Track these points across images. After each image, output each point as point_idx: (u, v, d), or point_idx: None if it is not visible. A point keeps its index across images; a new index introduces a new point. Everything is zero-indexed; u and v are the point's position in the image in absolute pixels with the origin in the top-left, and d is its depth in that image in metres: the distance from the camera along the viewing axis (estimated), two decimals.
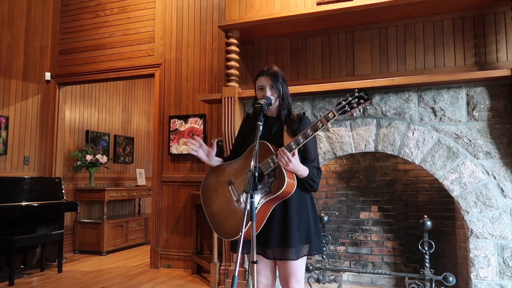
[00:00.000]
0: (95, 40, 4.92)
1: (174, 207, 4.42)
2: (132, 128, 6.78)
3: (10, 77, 4.71)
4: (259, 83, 1.93)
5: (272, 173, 1.79)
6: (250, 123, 2.00)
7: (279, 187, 1.73)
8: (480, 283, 2.86)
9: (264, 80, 1.91)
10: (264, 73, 1.92)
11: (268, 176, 1.80)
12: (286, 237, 1.78)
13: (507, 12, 3.08)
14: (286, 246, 1.78)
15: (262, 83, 1.92)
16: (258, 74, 1.96)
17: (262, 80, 1.92)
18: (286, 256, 1.79)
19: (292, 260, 1.79)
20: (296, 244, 1.78)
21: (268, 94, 1.89)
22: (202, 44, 4.41)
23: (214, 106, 4.28)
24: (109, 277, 4.03)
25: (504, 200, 2.88)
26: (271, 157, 1.77)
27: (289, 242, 1.77)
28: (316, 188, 1.85)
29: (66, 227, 5.06)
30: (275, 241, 1.80)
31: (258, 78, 1.94)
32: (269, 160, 1.77)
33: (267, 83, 1.90)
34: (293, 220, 1.80)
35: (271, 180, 1.78)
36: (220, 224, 1.89)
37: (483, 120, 2.98)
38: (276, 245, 1.80)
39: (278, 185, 1.75)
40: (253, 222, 1.55)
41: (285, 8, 3.41)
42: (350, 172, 3.87)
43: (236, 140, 2.11)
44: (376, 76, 3.40)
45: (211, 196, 1.98)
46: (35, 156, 4.96)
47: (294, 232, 1.79)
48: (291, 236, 1.78)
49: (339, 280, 3.36)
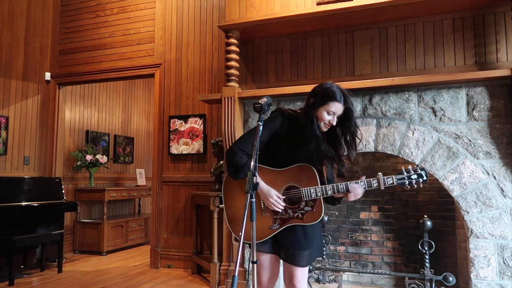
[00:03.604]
0: (95, 40, 4.92)
1: (174, 207, 4.42)
2: (132, 128, 6.78)
3: (10, 77, 4.71)
4: (333, 108, 1.82)
5: (310, 203, 1.83)
6: (288, 128, 1.90)
7: (313, 219, 1.81)
8: (480, 283, 2.86)
9: (338, 108, 1.83)
10: (341, 101, 1.82)
11: (306, 203, 1.84)
12: (301, 244, 1.87)
13: (507, 12, 3.08)
14: (300, 251, 1.86)
15: (335, 109, 1.83)
16: (334, 98, 1.82)
17: (336, 107, 1.83)
18: (297, 260, 1.86)
19: (302, 266, 1.87)
20: (308, 251, 1.88)
21: (334, 122, 1.86)
22: (202, 44, 4.41)
23: (214, 106, 4.28)
24: (109, 277, 4.03)
25: (504, 200, 2.88)
26: (314, 187, 1.80)
27: (304, 248, 1.86)
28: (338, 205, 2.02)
29: (66, 227, 5.06)
30: (289, 245, 1.88)
31: (333, 103, 1.82)
32: (311, 190, 1.80)
33: (339, 111, 1.84)
34: (309, 231, 1.90)
35: (307, 209, 1.83)
36: (240, 223, 1.88)
37: (483, 120, 2.98)
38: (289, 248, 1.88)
39: (312, 216, 1.82)
40: (253, 222, 1.58)
41: (285, 8, 3.41)
42: (350, 172, 3.86)
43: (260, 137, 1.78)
44: (376, 76, 3.40)
45: (235, 191, 1.95)
46: (35, 156, 4.96)
47: (308, 241, 1.88)
48: (305, 244, 1.87)
49: (339, 280, 3.36)
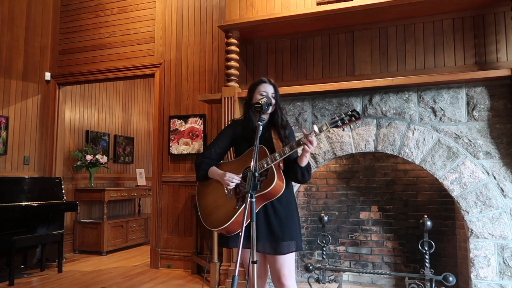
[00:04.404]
0: (95, 40, 4.92)
1: (174, 207, 4.42)
2: (132, 128, 6.78)
3: (10, 77, 4.71)
4: (263, 89, 2.07)
5: (264, 173, 1.96)
6: (241, 128, 2.12)
7: (268, 185, 1.89)
8: (480, 283, 2.86)
9: (268, 87, 2.08)
10: (267, 82, 2.09)
11: (260, 175, 1.96)
12: (276, 232, 1.95)
13: (507, 12, 3.08)
14: (278, 240, 1.94)
15: (266, 89, 2.07)
16: (259, 81, 2.10)
17: (266, 87, 2.07)
18: (277, 250, 1.93)
19: (282, 254, 1.93)
20: (286, 239, 1.94)
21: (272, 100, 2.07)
22: (202, 44, 4.41)
23: (214, 106, 4.28)
24: (109, 277, 4.03)
25: (504, 200, 2.88)
26: (265, 159, 1.92)
27: (280, 237, 1.94)
28: (308, 179, 2.02)
29: (66, 227, 5.06)
30: (265, 236, 1.95)
31: (260, 84, 2.09)
32: (263, 161, 1.93)
33: (269, 91, 2.07)
34: (282, 217, 1.98)
35: (262, 179, 1.95)
36: (210, 215, 2.06)
37: (483, 120, 2.98)
38: (266, 240, 1.95)
39: (267, 183, 1.90)
40: (253, 222, 1.59)
41: (285, 8, 3.41)
42: (350, 172, 3.87)
43: (218, 143, 2.17)
44: (376, 76, 3.40)
45: (205, 190, 2.14)
46: (35, 156, 4.97)
47: (284, 228, 1.96)
48: (281, 232, 1.95)
49: (339, 280, 3.36)
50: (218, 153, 2.15)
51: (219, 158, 2.18)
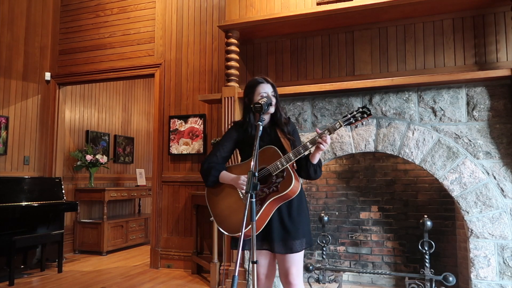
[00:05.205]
0: (95, 40, 4.92)
1: (174, 207, 4.42)
2: (132, 128, 6.78)
3: (10, 77, 4.71)
4: (262, 90, 2.05)
5: (280, 174, 1.93)
6: (243, 129, 2.09)
7: (286, 187, 1.88)
8: (480, 283, 2.86)
9: (266, 87, 2.06)
10: (265, 81, 2.08)
11: (276, 176, 1.94)
12: (290, 231, 1.94)
13: (507, 12, 3.08)
14: (291, 239, 1.93)
15: (265, 90, 2.05)
16: (256, 82, 2.08)
17: (264, 87, 2.05)
18: (291, 248, 1.93)
19: (295, 252, 1.94)
20: (300, 236, 1.95)
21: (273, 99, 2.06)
22: (202, 44, 4.41)
23: (214, 106, 4.28)
24: (109, 277, 4.03)
25: (504, 200, 2.88)
26: (279, 159, 1.90)
27: (294, 235, 1.94)
28: (320, 175, 2.04)
29: (66, 227, 5.06)
30: (279, 236, 1.94)
31: (258, 85, 2.07)
32: (277, 163, 1.91)
33: (269, 91, 2.06)
34: (295, 216, 1.97)
35: (279, 180, 1.92)
36: (226, 220, 2.01)
37: (483, 120, 2.98)
38: (279, 239, 1.94)
39: (285, 184, 1.89)
40: (253, 222, 1.60)
41: (285, 8, 3.41)
42: (350, 172, 3.87)
43: (223, 147, 2.13)
44: (376, 76, 3.40)
45: (217, 196, 2.09)
46: (35, 156, 4.96)
47: (297, 226, 1.96)
48: (295, 230, 1.95)
49: (339, 280, 3.36)
50: (224, 157, 2.12)
51: (225, 162, 2.15)
